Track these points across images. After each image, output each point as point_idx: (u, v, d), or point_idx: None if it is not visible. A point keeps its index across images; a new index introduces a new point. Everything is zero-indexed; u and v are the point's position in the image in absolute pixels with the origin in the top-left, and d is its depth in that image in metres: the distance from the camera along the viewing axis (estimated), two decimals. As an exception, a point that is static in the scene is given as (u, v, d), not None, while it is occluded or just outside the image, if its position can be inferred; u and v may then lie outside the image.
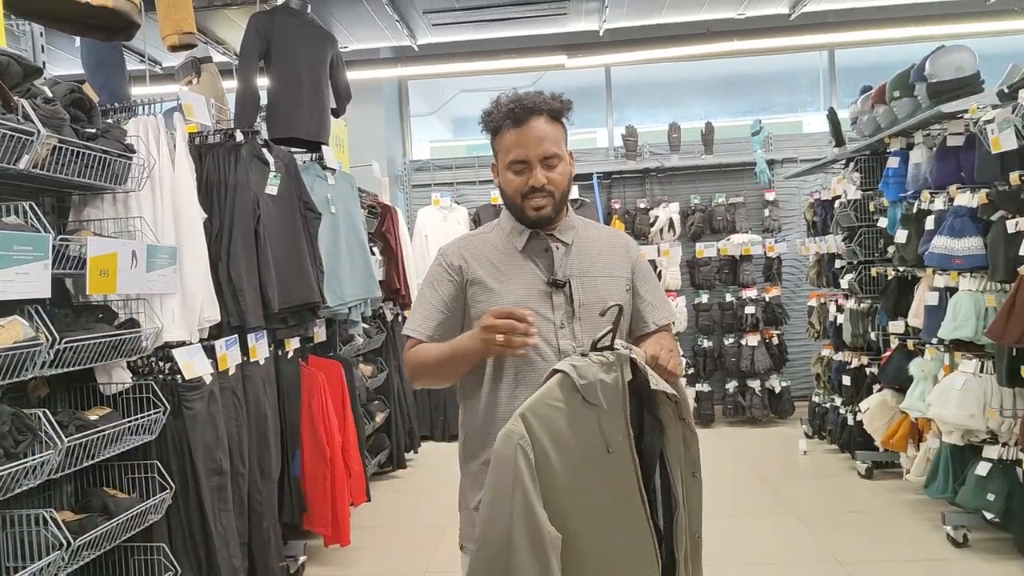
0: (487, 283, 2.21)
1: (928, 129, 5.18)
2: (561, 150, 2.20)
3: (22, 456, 2.30)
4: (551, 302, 2.16)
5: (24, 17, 3.01)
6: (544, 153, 2.16)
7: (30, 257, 2.28)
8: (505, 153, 2.20)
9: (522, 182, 2.17)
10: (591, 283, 2.20)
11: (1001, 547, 4.33)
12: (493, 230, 2.32)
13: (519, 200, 2.19)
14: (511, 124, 2.17)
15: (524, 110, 2.16)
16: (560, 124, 2.22)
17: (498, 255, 2.24)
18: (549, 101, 2.19)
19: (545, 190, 2.17)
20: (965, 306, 4.30)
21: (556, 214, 2.21)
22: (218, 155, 3.70)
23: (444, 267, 2.26)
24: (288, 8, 4.87)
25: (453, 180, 8.84)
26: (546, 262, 2.20)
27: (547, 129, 2.17)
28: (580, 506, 1.85)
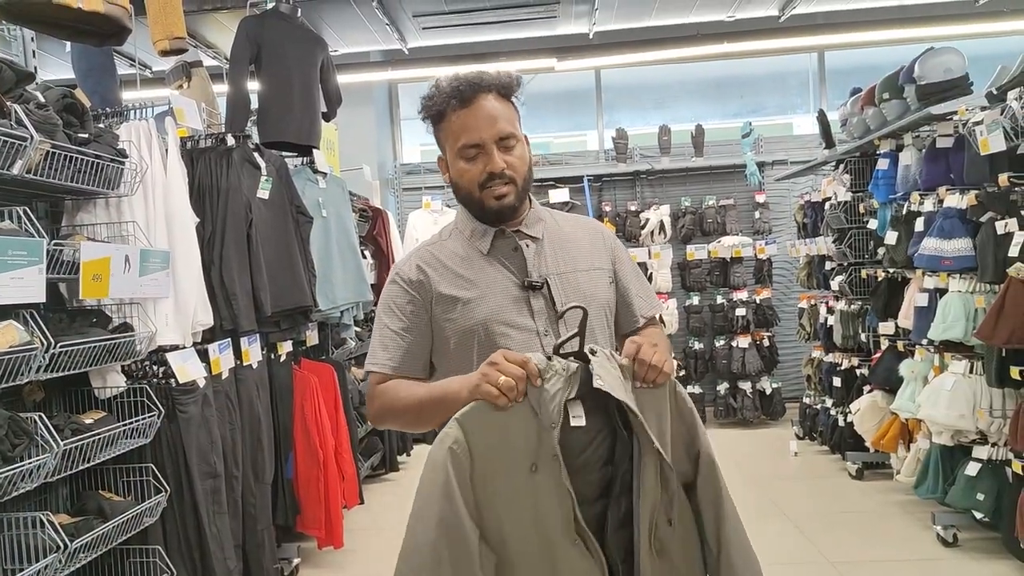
0: (454, 296, 1.94)
1: (918, 131, 5.20)
2: (516, 130, 1.93)
3: (19, 460, 2.31)
4: (529, 307, 1.91)
5: (16, 23, 3.01)
6: (499, 133, 1.89)
7: (24, 262, 2.28)
8: (454, 139, 1.92)
9: (478, 170, 1.90)
10: (572, 279, 1.95)
11: (990, 547, 4.35)
12: (451, 236, 2.05)
13: (477, 192, 1.92)
14: (457, 105, 1.90)
15: (470, 87, 1.90)
16: (511, 103, 1.96)
17: (461, 263, 1.97)
18: (497, 76, 1.94)
19: (505, 175, 1.90)
20: (955, 307, 4.33)
21: (520, 203, 1.95)
22: (210, 159, 3.70)
23: (401, 285, 1.99)
24: (278, 12, 4.88)
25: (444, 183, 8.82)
26: (517, 263, 1.94)
27: (498, 107, 1.91)
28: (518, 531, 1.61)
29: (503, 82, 1.93)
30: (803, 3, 7.48)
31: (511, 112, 1.94)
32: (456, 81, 1.90)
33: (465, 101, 1.89)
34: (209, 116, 4.12)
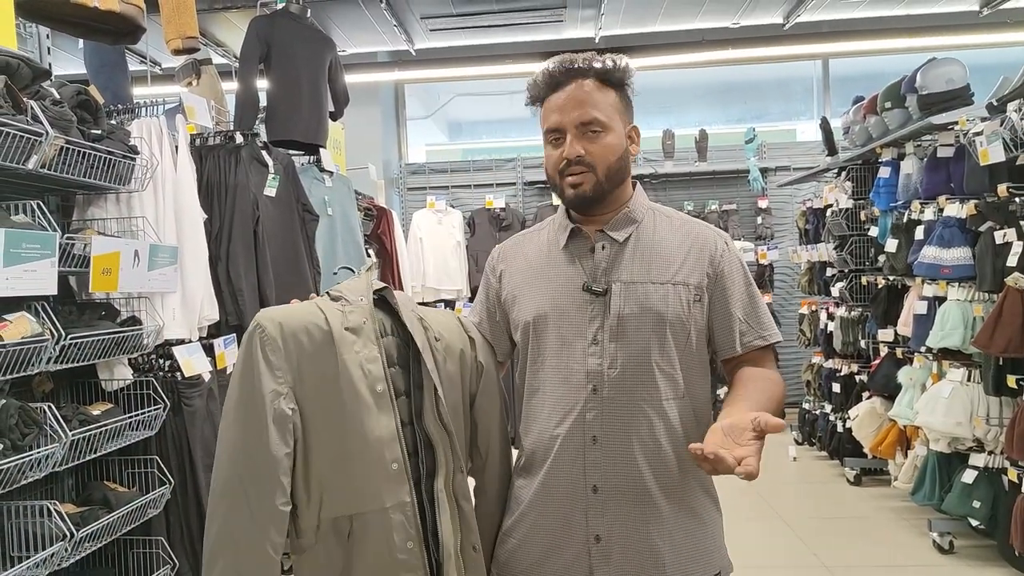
0: (518, 286, 1.91)
1: (919, 140, 5.24)
2: (608, 118, 1.80)
3: (28, 448, 2.34)
4: (587, 312, 1.81)
5: (32, 20, 3.04)
6: (581, 118, 1.78)
7: (37, 255, 2.31)
8: (543, 124, 1.85)
9: (557, 155, 1.81)
10: (639, 290, 1.79)
11: (986, 554, 4.39)
12: (548, 225, 1.97)
13: (556, 178, 1.83)
14: (550, 90, 1.83)
15: (565, 72, 1.81)
16: (614, 91, 1.84)
17: (540, 254, 1.92)
18: (598, 60, 1.82)
19: (583, 162, 1.78)
20: (953, 315, 4.36)
21: (600, 195, 1.81)
22: (218, 157, 3.73)
23: (487, 268, 2.02)
24: (288, 12, 4.91)
25: (448, 184, 8.89)
26: (589, 264, 1.84)
27: (591, 92, 1.80)
28: (327, 387, 1.73)
29: (602, 67, 1.82)
30: (808, 11, 7.51)
31: (608, 99, 1.82)
32: (553, 65, 1.83)
33: (557, 86, 1.82)
34: (218, 114, 4.15)
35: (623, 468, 1.78)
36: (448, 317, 1.93)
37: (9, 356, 2.27)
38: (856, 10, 7.71)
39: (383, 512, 1.70)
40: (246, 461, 1.67)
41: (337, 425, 1.71)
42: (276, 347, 1.69)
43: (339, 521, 1.71)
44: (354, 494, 1.71)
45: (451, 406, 1.81)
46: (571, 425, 1.79)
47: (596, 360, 1.78)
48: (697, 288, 1.81)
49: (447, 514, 1.77)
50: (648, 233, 1.86)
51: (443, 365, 1.81)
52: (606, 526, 1.77)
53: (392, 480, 1.71)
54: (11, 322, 2.31)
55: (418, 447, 1.79)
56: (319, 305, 1.77)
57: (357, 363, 1.71)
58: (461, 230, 8.06)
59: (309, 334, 1.71)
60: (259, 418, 1.66)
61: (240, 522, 1.66)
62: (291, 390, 1.69)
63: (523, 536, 1.85)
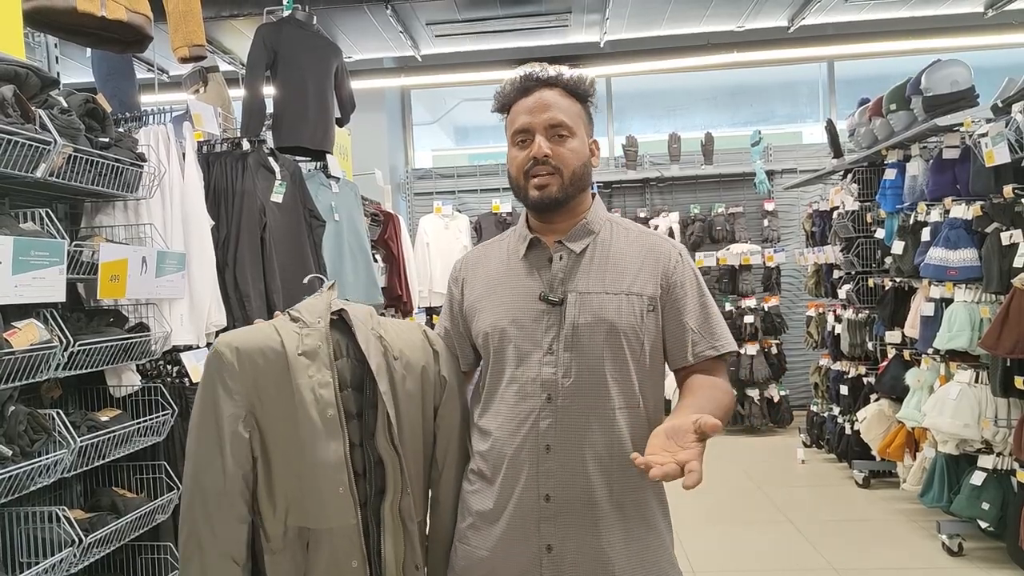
0: (478, 297, 1.94)
1: (924, 142, 5.24)
2: (575, 124, 1.84)
3: (37, 455, 2.36)
4: (544, 322, 1.83)
5: (40, 30, 3.06)
6: (550, 120, 1.81)
7: (46, 262, 2.33)
8: (510, 127, 1.88)
9: (524, 156, 1.83)
10: (594, 300, 1.82)
11: (995, 556, 4.38)
12: (510, 235, 2.00)
13: (522, 179, 1.85)
14: (519, 96, 1.87)
15: (535, 80, 1.86)
16: (579, 102, 1.88)
17: (500, 264, 1.94)
18: (565, 73, 1.87)
19: (549, 164, 1.80)
20: (960, 317, 4.35)
21: (564, 198, 1.83)
22: (225, 163, 3.75)
23: (450, 278, 2.05)
24: (294, 20, 4.93)
25: (455, 188, 8.91)
26: (547, 274, 1.86)
27: (558, 99, 1.84)
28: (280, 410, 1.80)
29: (569, 79, 1.87)
30: (812, 14, 7.51)
31: (575, 109, 1.86)
32: (523, 74, 1.87)
33: (526, 91, 1.86)
34: (225, 121, 4.17)
35: (576, 478, 1.79)
36: (412, 332, 1.95)
37: (18, 363, 2.28)
38: (861, 12, 7.70)
39: (330, 532, 1.78)
40: (206, 479, 1.77)
41: (291, 446, 1.79)
42: (233, 372, 1.77)
43: (302, 531, 1.80)
44: (307, 510, 1.79)
45: (409, 424, 1.85)
46: (525, 434, 1.81)
47: (551, 369, 1.80)
48: (651, 299, 1.84)
49: (391, 534, 1.84)
50: (605, 244, 1.88)
51: (401, 384, 1.85)
52: (559, 536, 1.79)
53: (338, 502, 1.78)
54: (20, 329, 2.32)
55: (367, 468, 1.85)
56: (277, 327, 1.82)
57: (310, 387, 1.78)
58: (468, 234, 8.09)
59: (265, 357, 1.79)
60: (217, 440, 1.76)
61: (204, 533, 1.76)
62: (249, 412, 1.78)
63: (477, 543, 1.87)
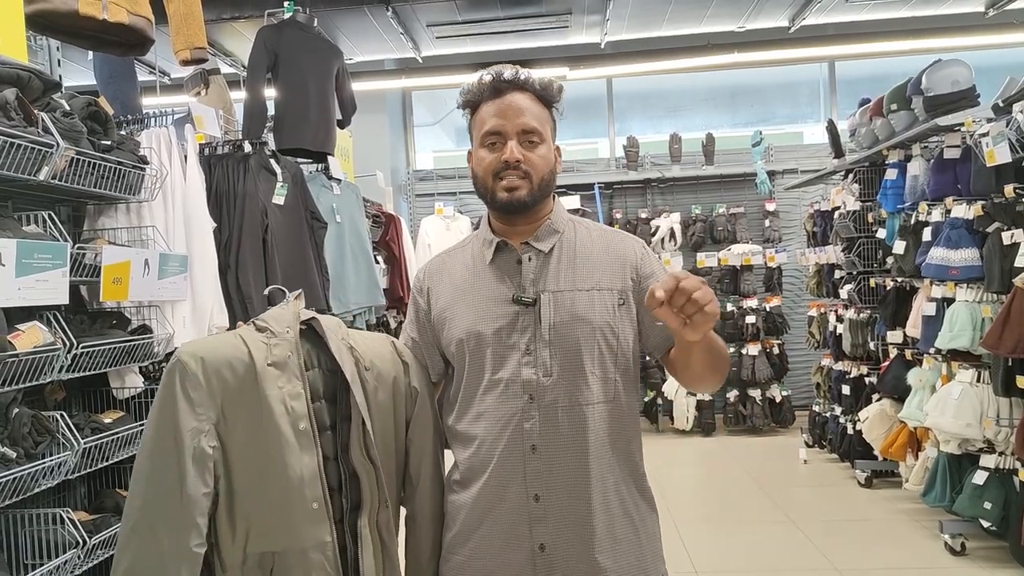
0: (447, 305, 1.92)
1: (925, 141, 5.24)
2: (544, 131, 1.86)
3: (41, 457, 2.37)
4: (519, 323, 1.83)
5: (42, 33, 3.06)
6: (522, 126, 1.83)
7: (49, 265, 2.33)
8: (479, 128, 1.88)
9: (495, 158, 1.83)
10: (567, 298, 1.83)
11: (998, 555, 4.38)
12: (471, 242, 2.00)
13: (490, 181, 1.85)
14: (489, 96, 1.87)
15: (507, 83, 1.86)
16: (547, 110, 1.90)
17: (464, 271, 1.93)
18: (536, 79, 1.89)
19: (521, 168, 1.82)
20: (961, 316, 4.36)
21: (533, 202, 1.85)
22: (227, 166, 3.76)
23: (414, 293, 2.02)
24: (295, 22, 4.94)
25: (456, 189, 8.91)
26: (516, 277, 1.87)
27: (530, 104, 1.85)
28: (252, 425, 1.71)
29: (540, 85, 1.88)
30: (813, 14, 7.51)
31: (544, 115, 1.88)
32: (495, 75, 1.87)
33: (497, 92, 1.86)
34: (226, 123, 4.18)
35: (563, 476, 1.80)
36: (380, 343, 1.91)
37: (22, 365, 2.28)
38: (861, 12, 7.70)
39: (303, 552, 1.70)
40: (160, 500, 1.63)
41: (260, 462, 1.69)
42: (197, 383, 1.65)
43: (264, 557, 1.70)
44: (275, 531, 1.70)
45: (381, 437, 1.81)
46: (510, 436, 1.81)
47: (531, 370, 1.80)
48: (621, 293, 1.87)
49: (369, 551, 1.78)
50: (570, 243, 1.91)
51: (374, 395, 1.81)
52: (550, 535, 1.80)
53: (312, 519, 1.71)
54: (23, 332, 2.33)
55: (342, 482, 1.79)
56: (243, 337, 1.74)
57: (280, 399, 1.70)
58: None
59: (232, 369, 1.69)
60: (177, 456, 1.63)
61: (149, 562, 1.62)
62: (213, 427, 1.67)
63: (470, 552, 1.85)
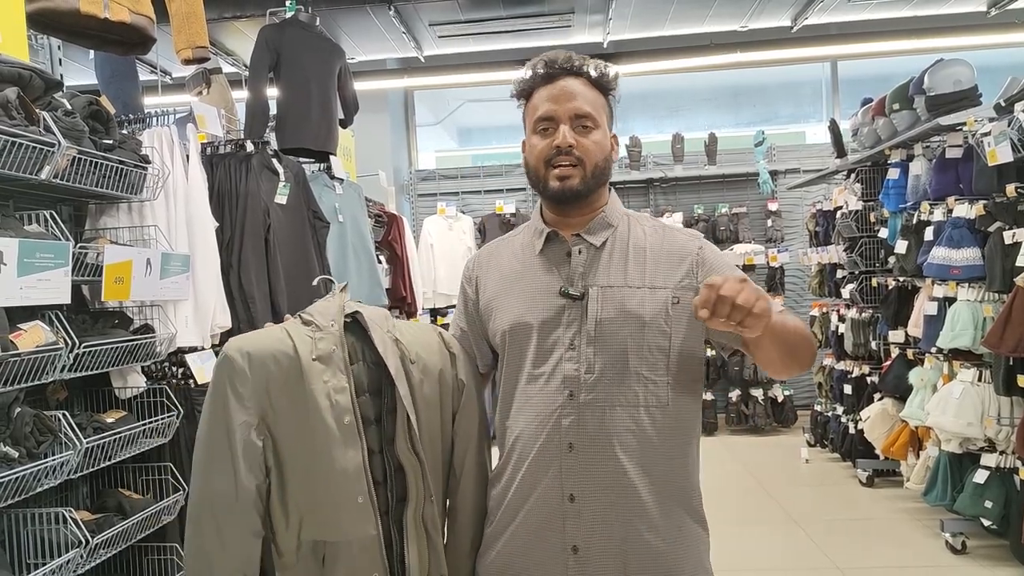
0: (495, 295, 1.88)
1: (928, 141, 5.24)
2: (599, 116, 1.80)
3: (43, 456, 2.37)
4: (565, 317, 1.77)
5: (44, 31, 3.07)
6: (575, 110, 1.77)
7: (51, 264, 2.33)
8: (531, 115, 1.83)
9: (547, 144, 1.78)
10: (617, 294, 1.76)
11: (999, 554, 4.38)
12: (523, 231, 1.94)
13: (542, 169, 1.79)
14: (542, 82, 1.82)
15: (560, 69, 1.81)
16: (603, 95, 1.84)
17: (515, 260, 1.89)
18: (591, 64, 1.83)
19: (573, 154, 1.75)
20: (963, 316, 4.36)
21: (585, 191, 1.78)
22: (229, 165, 3.76)
23: (463, 277, 1.99)
24: (297, 21, 4.94)
25: (458, 189, 8.92)
26: (566, 269, 1.81)
27: (584, 90, 1.80)
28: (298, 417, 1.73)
29: (595, 70, 1.83)
30: (815, 13, 7.51)
31: (599, 101, 1.82)
32: (548, 60, 1.82)
33: (550, 79, 1.81)
34: (228, 122, 4.18)
35: (600, 476, 1.73)
36: (428, 334, 1.90)
37: (24, 365, 2.28)
38: (864, 12, 7.70)
39: (348, 544, 1.71)
40: (217, 491, 1.69)
41: (306, 455, 1.72)
42: (244, 378, 1.69)
43: (317, 544, 1.73)
44: (324, 522, 1.72)
45: (427, 430, 1.80)
46: (547, 432, 1.76)
47: (573, 365, 1.75)
48: (676, 290, 1.77)
49: (415, 544, 1.77)
50: (624, 238, 1.83)
51: (419, 388, 1.79)
52: (583, 537, 1.73)
53: (358, 513, 1.72)
54: (25, 331, 2.33)
55: (387, 475, 1.79)
56: (289, 331, 1.75)
57: (325, 393, 1.71)
58: (472, 236, 8.09)
59: (278, 363, 1.71)
60: (229, 449, 1.68)
61: (212, 548, 1.69)
62: (262, 420, 1.70)
63: (503, 548, 1.82)
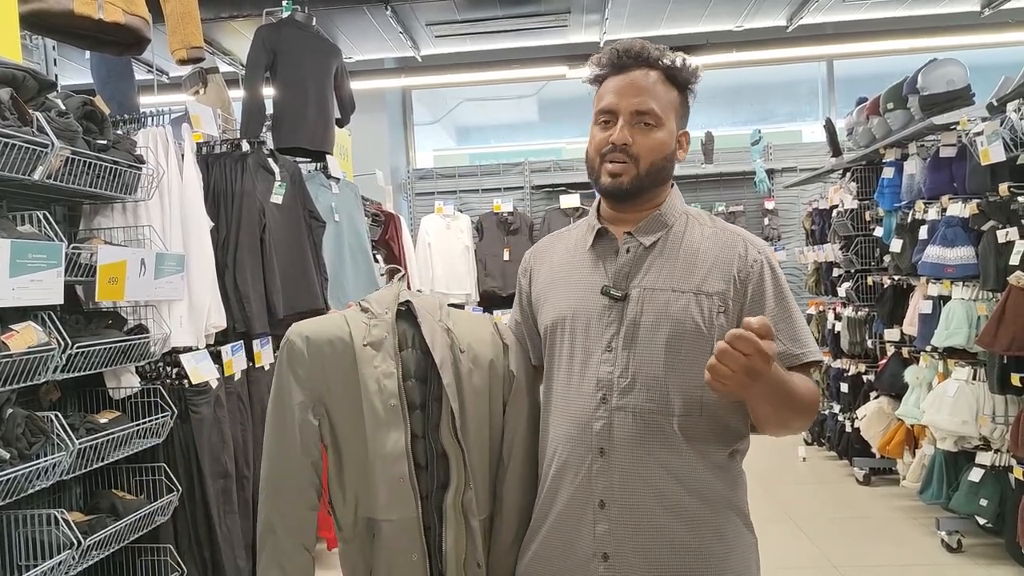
0: (544, 288, 1.85)
1: (922, 140, 5.25)
2: (665, 114, 1.71)
3: (35, 457, 2.36)
4: (605, 318, 1.71)
5: (38, 32, 3.07)
6: (638, 106, 1.69)
7: (44, 265, 2.33)
8: (596, 104, 1.76)
9: (604, 138, 1.72)
10: (658, 297, 1.68)
11: (994, 552, 4.39)
12: (581, 224, 1.87)
13: (597, 161, 1.74)
14: (613, 71, 1.74)
15: (632, 58, 1.72)
16: (676, 90, 1.75)
17: (565, 255, 1.84)
18: (668, 56, 1.73)
19: (628, 152, 1.69)
20: (957, 314, 4.37)
21: (637, 190, 1.72)
22: (225, 165, 3.76)
23: (520, 268, 1.95)
24: (294, 21, 4.95)
25: (456, 188, 8.93)
26: (612, 267, 1.74)
27: (653, 84, 1.71)
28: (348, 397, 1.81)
29: (671, 63, 1.73)
30: (811, 13, 7.51)
31: (669, 96, 1.73)
32: (621, 49, 1.74)
33: (621, 68, 1.73)
34: (224, 122, 4.18)
35: (631, 484, 1.66)
36: (482, 324, 1.92)
37: (16, 365, 2.28)
38: (859, 11, 7.71)
39: (391, 523, 1.77)
40: (279, 465, 1.82)
41: (356, 435, 1.80)
42: (303, 360, 1.79)
43: (370, 522, 1.81)
44: (374, 500, 1.80)
45: (475, 418, 1.82)
46: (579, 434, 1.70)
47: (608, 368, 1.68)
48: (722, 298, 1.68)
49: (453, 530, 1.79)
50: (677, 238, 1.74)
51: (468, 378, 1.82)
52: (614, 545, 1.67)
53: (399, 494, 1.77)
54: (18, 332, 2.33)
55: (429, 460, 1.82)
56: (347, 317, 1.84)
57: (374, 377, 1.78)
58: (469, 234, 8.10)
59: (333, 347, 1.80)
60: (289, 427, 1.80)
61: (277, 516, 1.82)
62: (319, 401, 1.81)
63: (536, 549, 1.79)
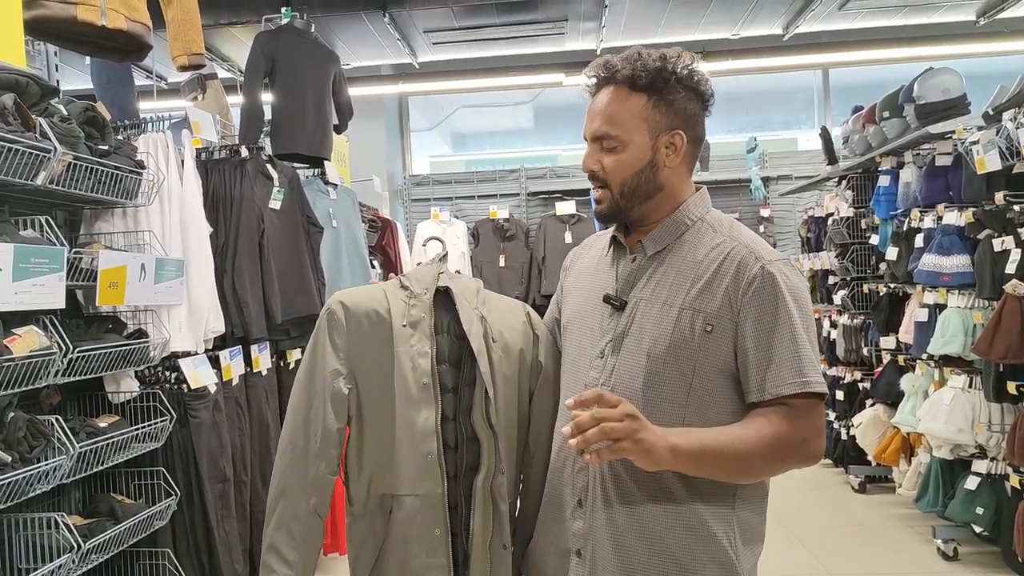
0: (570, 288, 1.89)
1: (917, 149, 5.27)
2: (625, 131, 1.67)
3: (35, 461, 2.37)
4: (603, 325, 1.73)
5: (41, 38, 3.08)
6: (595, 132, 1.70)
7: (46, 269, 2.34)
8: None
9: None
10: (652, 310, 1.66)
11: (990, 560, 4.39)
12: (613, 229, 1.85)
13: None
14: (592, 94, 1.76)
15: (597, 79, 1.73)
16: (645, 95, 1.67)
17: (592, 259, 1.87)
18: (627, 64, 1.68)
19: (598, 178, 1.72)
20: (953, 322, 4.38)
21: (615, 213, 1.73)
22: (224, 170, 3.77)
23: (562, 268, 1.99)
24: (292, 27, 4.96)
25: (452, 195, 8.94)
26: (618, 274, 1.75)
27: (612, 102, 1.68)
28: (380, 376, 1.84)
29: (630, 72, 1.67)
30: (807, 22, 7.54)
31: (632, 108, 1.67)
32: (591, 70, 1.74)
33: (595, 90, 1.74)
34: (223, 128, 4.19)
35: (603, 488, 1.68)
36: (514, 313, 1.95)
37: (17, 369, 2.29)
38: (855, 20, 7.74)
39: (416, 498, 1.80)
40: (304, 428, 1.85)
41: (385, 410, 1.83)
42: (341, 329, 1.83)
43: (384, 498, 1.83)
44: (395, 476, 1.82)
45: (504, 407, 1.86)
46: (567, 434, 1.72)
47: (595, 374, 1.70)
48: (715, 315, 1.61)
49: (481, 511, 1.83)
50: (683, 249, 1.70)
51: (498, 366, 1.85)
52: (589, 544, 1.69)
53: (426, 469, 1.80)
54: (20, 336, 2.34)
55: (459, 442, 1.86)
56: (387, 292, 1.88)
57: (409, 356, 1.81)
58: (465, 241, 8.12)
59: (371, 321, 1.84)
60: (320, 392, 1.83)
61: (292, 478, 1.84)
62: (351, 371, 1.83)
63: (533, 542, 1.87)
